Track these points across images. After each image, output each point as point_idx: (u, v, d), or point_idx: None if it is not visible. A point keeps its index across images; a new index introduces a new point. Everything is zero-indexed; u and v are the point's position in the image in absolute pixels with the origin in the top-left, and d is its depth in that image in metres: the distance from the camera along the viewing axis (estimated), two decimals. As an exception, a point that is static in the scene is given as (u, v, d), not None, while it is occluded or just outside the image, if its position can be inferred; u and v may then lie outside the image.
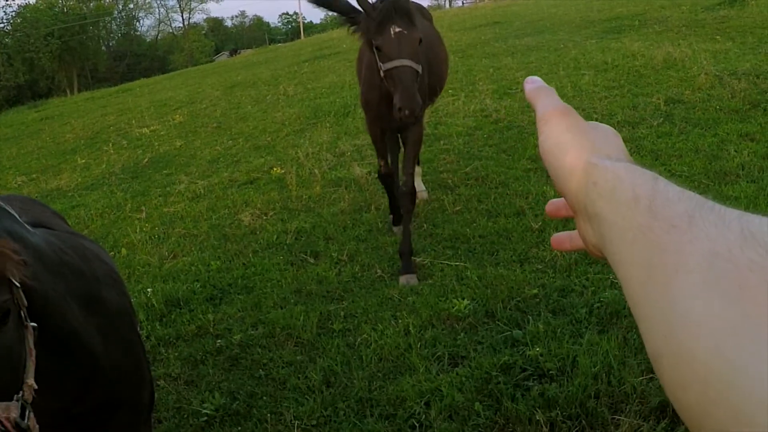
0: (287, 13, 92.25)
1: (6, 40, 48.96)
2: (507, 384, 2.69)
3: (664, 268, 0.38)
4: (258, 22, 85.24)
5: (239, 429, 2.73)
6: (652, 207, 0.41)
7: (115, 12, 61.53)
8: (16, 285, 1.18)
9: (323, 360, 3.11)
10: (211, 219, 5.58)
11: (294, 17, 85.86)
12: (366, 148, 6.83)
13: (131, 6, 63.58)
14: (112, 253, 4.92)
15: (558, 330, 3.02)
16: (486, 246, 4.14)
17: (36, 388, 1.19)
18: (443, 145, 6.52)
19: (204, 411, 2.83)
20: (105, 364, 1.52)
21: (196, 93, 15.51)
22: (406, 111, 3.29)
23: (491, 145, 6.31)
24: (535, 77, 0.62)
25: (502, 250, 4.04)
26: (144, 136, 10.83)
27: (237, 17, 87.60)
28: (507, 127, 6.80)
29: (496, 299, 3.40)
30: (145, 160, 8.90)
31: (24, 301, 1.21)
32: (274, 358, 3.21)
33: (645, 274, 0.39)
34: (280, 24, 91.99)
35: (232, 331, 3.52)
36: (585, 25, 13.45)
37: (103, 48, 60.39)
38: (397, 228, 4.49)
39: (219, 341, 3.43)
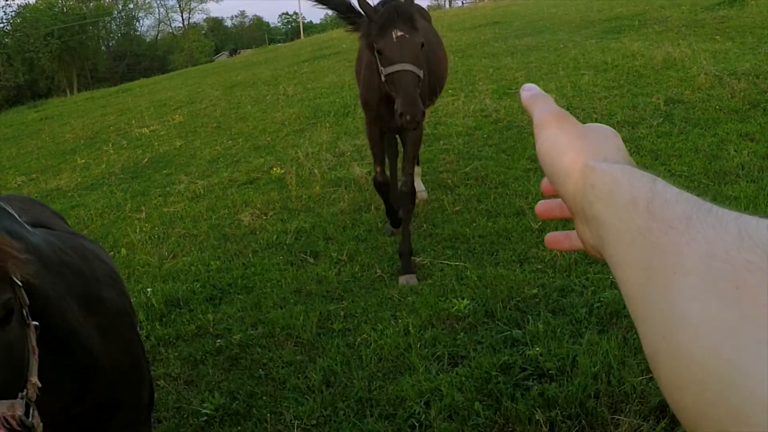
0: (287, 13, 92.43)
1: (6, 40, 48.96)
2: (507, 384, 2.69)
3: (662, 269, 0.38)
4: (258, 22, 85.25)
5: (239, 429, 2.73)
6: (650, 209, 0.41)
7: (115, 12, 61.54)
8: (18, 284, 1.18)
9: (323, 360, 3.11)
10: (211, 219, 5.58)
11: (294, 17, 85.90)
12: (366, 148, 6.82)
13: (131, 6, 63.64)
14: (111, 253, 4.92)
15: (558, 330, 3.02)
16: (486, 246, 4.14)
17: (40, 386, 1.20)
18: (443, 145, 6.53)
19: (204, 411, 2.83)
20: (105, 363, 1.52)
21: (195, 93, 15.51)
22: (407, 116, 3.27)
23: (491, 145, 6.32)
24: (532, 84, 0.62)
25: (501, 250, 4.04)
26: (144, 136, 10.83)
27: (237, 17, 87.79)
28: (507, 127, 6.80)
29: (495, 299, 3.41)
30: (145, 160, 8.90)
31: (26, 300, 1.21)
32: (273, 357, 3.21)
33: (643, 275, 0.39)
34: (279, 24, 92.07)
35: (231, 331, 3.52)
36: (585, 25, 13.45)
37: (103, 48, 60.40)
38: (395, 229, 4.49)
39: (219, 341, 3.43)
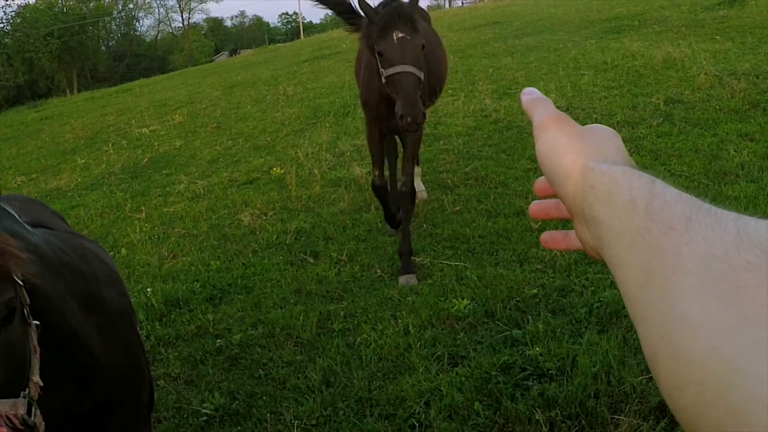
0: (287, 13, 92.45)
1: (6, 40, 48.95)
2: (507, 384, 2.69)
3: (661, 270, 0.38)
4: (258, 22, 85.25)
5: (239, 429, 2.73)
6: (649, 209, 0.41)
7: (115, 12, 61.54)
8: (19, 283, 1.18)
9: (323, 360, 3.11)
10: (211, 219, 5.58)
11: (294, 17, 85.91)
12: (366, 148, 6.82)
13: (131, 6, 63.65)
14: (111, 253, 4.92)
15: (558, 330, 3.02)
16: (485, 246, 4.14)
17: (42, 385, 1.20)
18: (443, 145, 6.53)
19: (204, 411, 2.83)
20: (104, 363, 1.52)
21: (195, 93, 15.51)
22: (408, 118, 3.25)
23: (491, 145, 6.32)
24: (532, 89, 0.63)
25: (501, 250, 4.04)
26: (144, 136, 10.83)
27: (237, 17, 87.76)
28: (506, 127, 6.80)
29: (495, 299, 3.41)
30: (145, 160, 8.90)
31: (27, 300, 1.22)
32: (273, 357, 3.21)
33: (643, 276, 0.39)
34: (279, 24, 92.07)
35: (231, 331, 3.52)
36: (584, 25, 13.45)
37: (103, 48, 60.39)
38: (393, 230, 4.49)
39: (219, 341, 3.43)
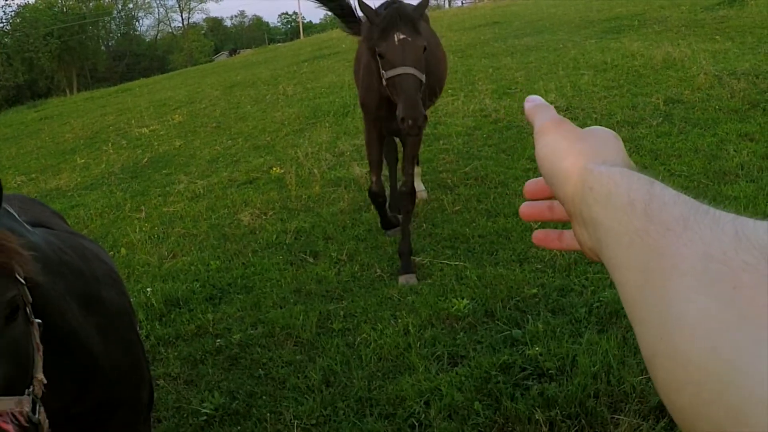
0: (287, 13, 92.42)
1: (5, 39, 48.95)
2: (506, 383, 2.69)
3: (660, 271, 0.38)
4: (257, 21, 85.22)
5: (239, 428, 2.73)
6: (647, 211, 0.41)
7: (115, 12, 61.53)
8: (21, 282, 1.19)
9: (323, 359, 3.11)
10: (211, 219, 5.58)
11: (293, 17, 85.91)
12: (365, 147, 6.83)
13: (131, 6, 63.61)
14: (111, 253, 4.92)
15: (557, 329, 3.02)
16: (485, 246, 4.15)
17: (45, 382, 1.20)
18: (442, 145, 6.53)
19: (203, 410, 2.83)
20: (104, 363, 1.52)
21: (195, 93, 15.50)
22: (409, 121, 3.22)
23: (490, 145, 6.32)
24: (535, 96, 0.63)
25: (501, 249, 4.04)
26: (143, 135, 10.82)
27: (236, 17, 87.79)
28: (506, 127, 6.80)
29: (495, 299, 3.41)
30: (145, 159, 8.90)
31: (29, 298, 1.22)
32: (273, 357, 3.21)
33: (641, 277, 0.39)
34: (279, 24, 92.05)
35: (231, 331, 3.52)
36: (584, 25, 13.45)
37: (103, 48, 60.37)
38: (392, 231, 4.48)
39: (218, 341, 3.43)
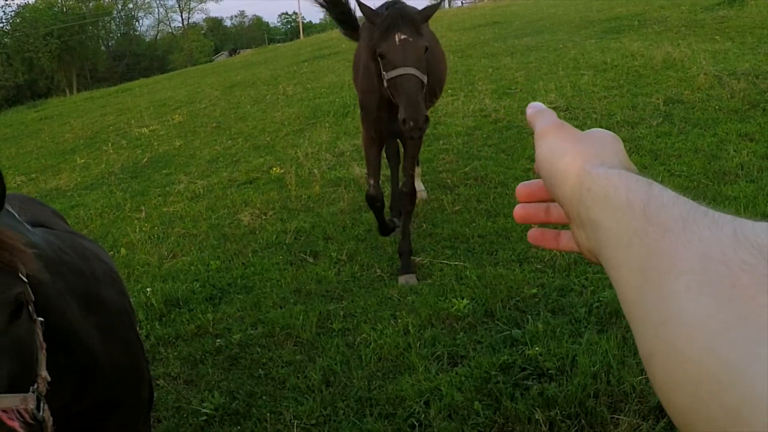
0: (286, 13, 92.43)
1: (5, 39, 48.95)
2: (506, 383, 2.69)
3: (658, 270, 0.38)
4: (257, 22, 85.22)
5: (239, 428, 2.73)
6: (646, 212, 0.41)
7: (115, 12, 61.51)
8: (23, 280, 1.19)
9: (323, 359, 3.11)
10: (211, 219, 5.58)
11: (293, 17, 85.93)
12: (363, 150, 6.82)
13: (130, 6, 63.60)
14: (111, 253, 4.92)
15: (557, 329, 3.02)
16: (485, 246, 4.15)
17: (49, 380, 1.20)
18: (442, 145, 6.53)
19: (203, 410, 2.83)
20: (104, 363, 1.52)
21: (195, 93, 15.50)
22: (410, 123, 3.18)
23: (490, 145, 6.32)
24: (537, 103, 0.64)
25: (501, 249, 4.05)
26: (143, 135, 10.82)
27: (236, 17, 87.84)
28: (506, 127, 6.81)
29: (495, 299, 3.41)
30: (145, 159, 8.90)
31: (31, 296, 1.22)
32: (273, 357, 3.21)
33: (640, 277, 0.40)
34: (279, 24, 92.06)
35: (231, 331, 3.52)
36: (584, 25, 13.45)
37: (103, 48, 60.35)
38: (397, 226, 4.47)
39: (218, 341, 3.43)
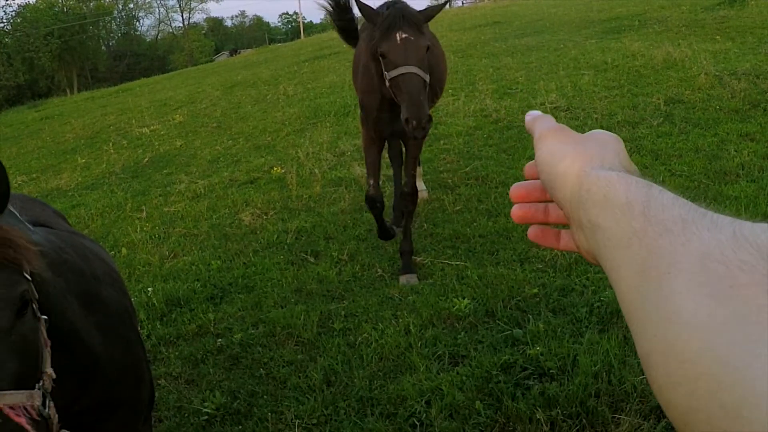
0: (287, 13, 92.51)
1: (6, 39, 48.99)
2: (507, 383, 2.69)
3: (657, 270, 0.38)
4: (258, 21, 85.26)
5: (240, 428, 2.73)
6: (646, 212, 0.42)
7: (115, 12, 61.56)
8: (27, 278, 1.19)
9: (324, 359, 3.11)
10: (212, 218, 5.58)
11: (294, 17, 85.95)
12: (363, 151, 6.82)
13: (131, 6, 63.64)
14: (112, 253, 4.92)
15: (558, 329, 3.02)
16: (486, 245, 4.15)
17: (54, 377, 1.20)
18: (443, 145, 6.53)
19: (205, 410, 2.83)
20: (104, 362, 1.52)
21: (196, 93, 15.51)
22: (413, 122, 3.14)
23: (491, 145, 6.32)
24: (535, 111, 0.64)
25: (502, 249, 4.04)
26: (144, 135, 10.83)
27: (237, 17, 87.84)
28: (507, 127, 6.80)
29: (496, 298, 3.41)
30: (146, 159, 8.90)
31: (35, 294, 1.22)
32: (274, 357, 3.21)
33: (639, 277, 0.40)
34: (280, 24, 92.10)
35: (232, 331, 3.52)
36: (585, 25, 13.45)
37: (103, 48, 60.40)
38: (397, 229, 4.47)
39: (219, 340, 3.43)
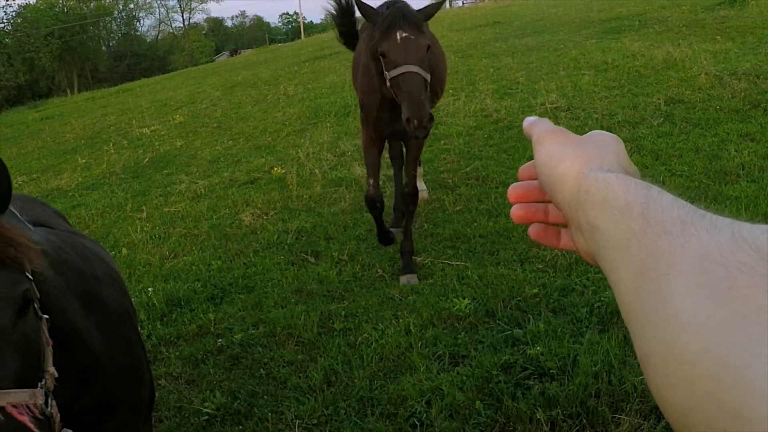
0: (287, 13, 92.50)
1: (6, 40, 49.00)
2: (508, 383, 2.69)
3: (656, 271, 0.38)
4: (258, 22, 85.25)
5: (240, 428, 2.73)
6: (645, 213, 0.42)
7: (116, 12, 61.56)
8: (29, 277, 1.19)
9: (324, 359, 3.11)
10: (212, 219, 5.58)
11: (294, 17, 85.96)
12: (363, 151, 6.82)
13: (131, 6, 63.65)
14: (112, 253, 4.92)
15: (558, 329, 3.02)
16: (486, 245, 4.15)
17: (57, 376, 1.21)
18: (444, 145, 6.53)
19: (205, 410, 2.84)
20: (104, 362, 1.52)
21: (196, 93, 15.51)
22: (415, 121, 3.11)
23: (491, 145, 6.32)
24: (531, 117, 0.64)
25: (502, 249, 4.04)
26: (144, 135, 10.83)
27: (237, 17, 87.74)
28: (507, 127, 6.80)
29: (496, 298, 3.41)
30: (146, 159, 8.90)
31: (37, 293, 1.23)
32: (275, 357, 3.21)
33: (638, 278, 0.40)
34: (280, 24, 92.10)
35: (233, 331, 3.52)
36: (585, 25, 13.45)
37: (104, 48, 60.40)
38: (394, 230, 4.47)
39: (220, 340, 3.43)
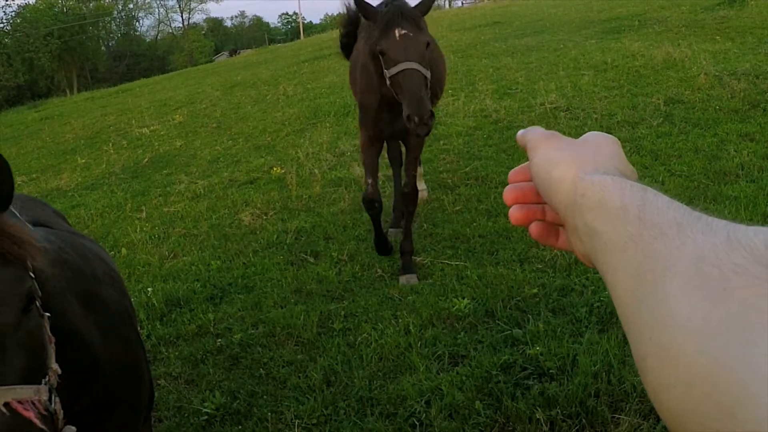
0: (287, 14, 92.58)
1: (6, 40, 48.97)
2: (507, 383, 2.69)
3: (652, 273, 0.38)
4: (258, 22, 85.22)
5: (240, 428, 2.73)
6: (641, 216, 0.42)
7: (115, 12, 61.53)
8: (31, 276, 1.20)
9: (324, 359, 3.11)
10: (212, 219, 5.58)
11: (294, 17, 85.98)
12: (361, 152, 6.82)
13: (131, 6, 63.63)
14: (112, 253, 4.92)
15: (558, 329, 3.02)
16: (486, 245, 4.15)
17: (60, 372, 1.21)
18: (443, 145, 6.53)
19: (204, 410, 2.84)
20: (104, 362, 1.52)
21: (195, 93, 15.50)
22: (416, 118, 3.08)
23: (491, 145, 6.32)
24: (523, 129, 0.65)
25: (502, 249, 4.05)
26: (144, 136, 10.83)
27: (237, 17, 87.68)
28: (507, 127, 6.81)
29: (496, 298, 3.41)
30: (145, 160, 8.90)
31: (39, 292, 1.23)
32: (274, 357, 3.21)
33: (634, 280, 0.40)
34: (279, 24, 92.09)
35: (232, 331, 3.52)
36: (585, 26, 13.46)
37: (103, 48, 60.37)
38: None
39: (219, 340, 3.43)
